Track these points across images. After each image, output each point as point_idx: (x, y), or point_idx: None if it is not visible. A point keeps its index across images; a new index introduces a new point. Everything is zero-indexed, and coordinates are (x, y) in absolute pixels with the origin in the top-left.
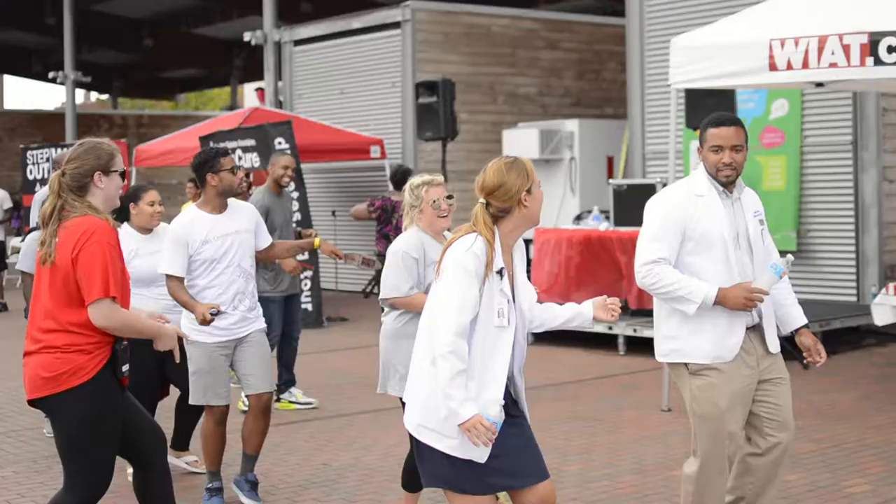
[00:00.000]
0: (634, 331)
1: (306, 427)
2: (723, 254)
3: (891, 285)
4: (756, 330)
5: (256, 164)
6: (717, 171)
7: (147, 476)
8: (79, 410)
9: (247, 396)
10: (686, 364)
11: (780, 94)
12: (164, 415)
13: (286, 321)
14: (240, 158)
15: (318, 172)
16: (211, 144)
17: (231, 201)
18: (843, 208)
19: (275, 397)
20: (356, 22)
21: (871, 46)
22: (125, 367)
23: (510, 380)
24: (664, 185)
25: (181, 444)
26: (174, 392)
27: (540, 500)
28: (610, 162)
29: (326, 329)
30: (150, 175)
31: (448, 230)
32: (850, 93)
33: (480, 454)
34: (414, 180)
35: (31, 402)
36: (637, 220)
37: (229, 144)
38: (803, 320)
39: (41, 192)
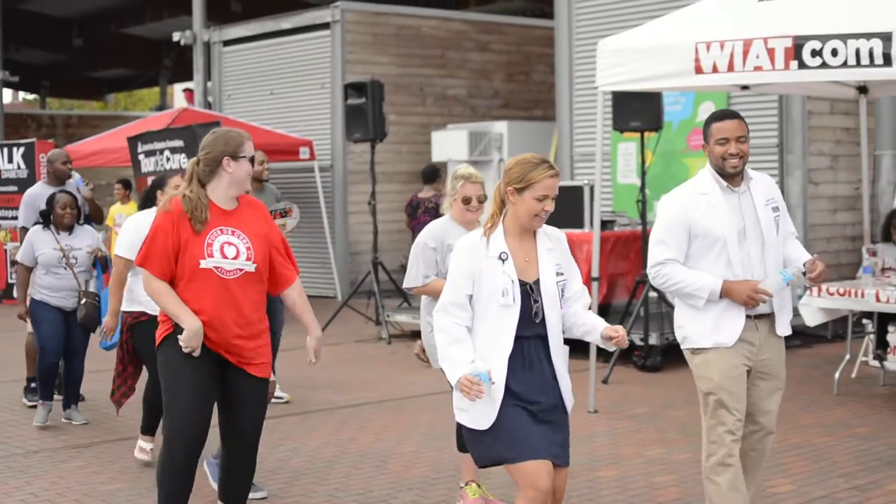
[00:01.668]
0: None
1: (288, 421)
2: (724, 251)
3: (815, 287)
4: (766, 318)
5: (184, 165)
6: (724, 161)
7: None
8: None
9: None
10: (690, 349)
11: (707, 96)
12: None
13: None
14: (168, 159)
15: None
16: (139, 144)
17: None
18: None
19: None
20: (285, 23)
21: (796, 50)
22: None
23: (549, 366)
24: (591, 187)
25: (150, 429)
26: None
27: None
28: None
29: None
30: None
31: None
32: (775, 96)
33: (482, 422)
34: (458, 170)
35: None
36: (565, 222)
37: (157, 145)
38: (807, 256)
39: (31, 192)
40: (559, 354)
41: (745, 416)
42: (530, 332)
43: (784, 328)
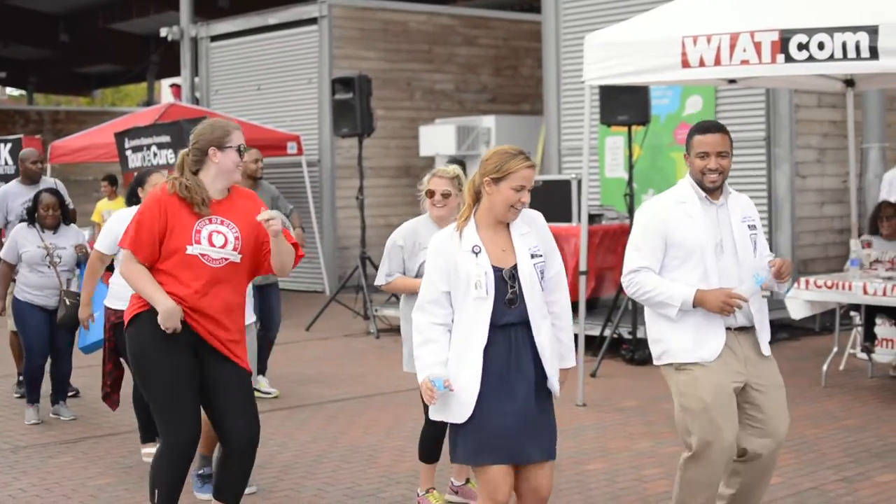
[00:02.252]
0: None
1: (276, 416)
2: (700, 261)
3: (803, 279)
4: (746, 332)
5: (172, 161)
6: (703, 175)
7: None
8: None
9: None
10: (672, 364)
11: (694, 90)
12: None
13: (262, 311)
14: (155, 155)
15: None
16: (126, 140)
17: None
18: (757, 204)
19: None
20: (273, 18)
21: (782, 44)
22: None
23: (532, 351)
24: (579, 181)
25: (149, 436)
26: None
27: (531, 490)
28: None
29: None
30: (66, 171)
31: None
32: (763, 89)
33: (458, 416)
34: (444, 167)
35: None
36: (552, 216)
37: (144, 141)
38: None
39: (4, 188)
40: (544, 338)
41: (752, 431)
42: (515, 318)
43: (766, 348)
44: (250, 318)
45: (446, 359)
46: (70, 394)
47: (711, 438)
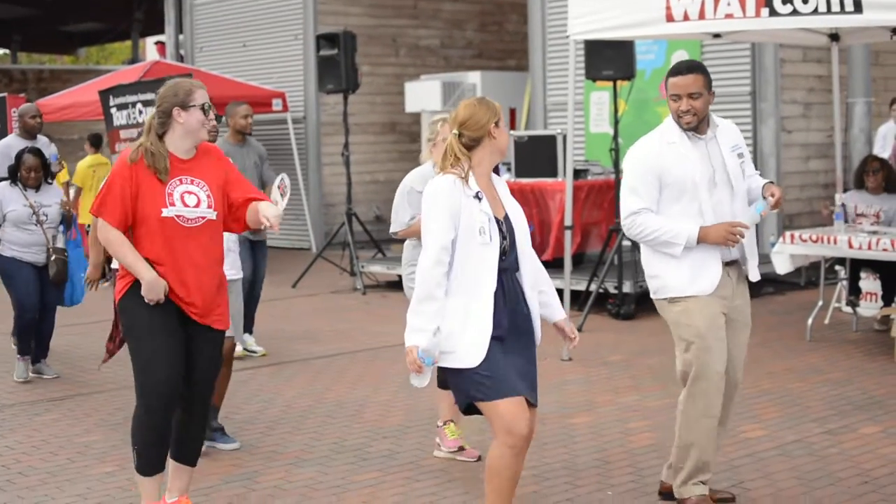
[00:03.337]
0: None
1: (263, 372)
2: (695, 199)
3: (788, 234)
4: (734, 265)
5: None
6: (678, 117)
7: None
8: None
9: None
10: (668, 298)
11: (680, 45)
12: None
13: (251, 267)
14: (140, 112)
15: (220, 127)
16: (111, 98)
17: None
18: None
19: None
20: None
21: None
22: None
23: (523, 298)
24: (564, 136)
25: None
26: None
27: None
28: (513, 114)
29: None
30: (51, 130)
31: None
32: (748, 44)
33: (470, 360)
34: (435, 116)
35: None
36: (539, 171)
37: (129, 98)
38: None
39: (3, 142)
40: (530, 288)
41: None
42: (506, 265)
43: (755, 273)
44: (238, 273)
45: (437, 327)
46: None
47: (707, 364)
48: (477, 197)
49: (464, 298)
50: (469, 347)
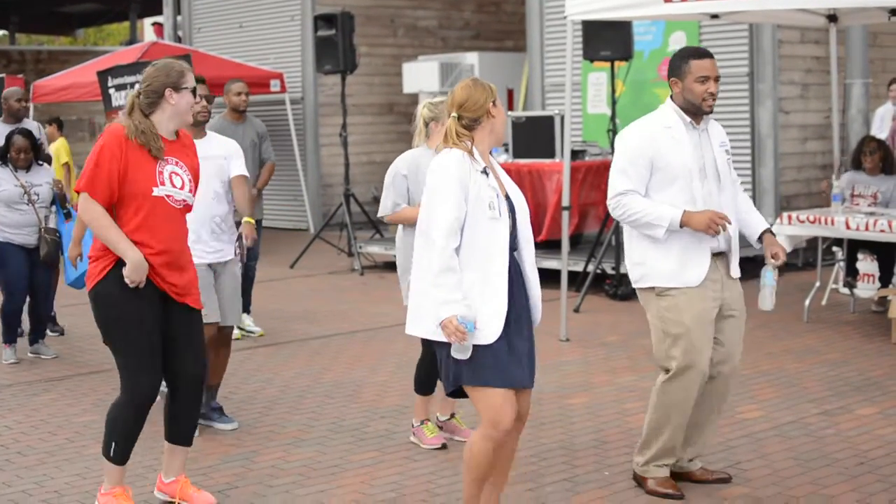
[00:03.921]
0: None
1: (261, 352)
2: (687, 185)
3: (786, 215)
4: (722, 257)
5: None
6: (702, 101)
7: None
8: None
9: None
10: (653, 287)
11: (678, 25)
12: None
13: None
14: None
15: (217, 107)
16: (109, 78)
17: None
18: (740, 140)
19: None
20: None
21: None
22: None
23: (523, 276)
24: (562, 117)
25: None
26: None
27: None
28: (510, 95)
29: None
30: (50, 111)
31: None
32: (746, 25)
33: (488, 337)
34: (437, 98)
35: None
36: (537, 152)
37: (128, 79)
38: (765, 225)
39: None
40: (530, 267)
41: (713, 354)
42: (511, 244)
43: (736, 270)
44: (229, 255)
45: (462, 297)
46: (55, 333)
47: (691, 363)
48: (484, 172)
49: (476, 274)
50: (488, 320)
